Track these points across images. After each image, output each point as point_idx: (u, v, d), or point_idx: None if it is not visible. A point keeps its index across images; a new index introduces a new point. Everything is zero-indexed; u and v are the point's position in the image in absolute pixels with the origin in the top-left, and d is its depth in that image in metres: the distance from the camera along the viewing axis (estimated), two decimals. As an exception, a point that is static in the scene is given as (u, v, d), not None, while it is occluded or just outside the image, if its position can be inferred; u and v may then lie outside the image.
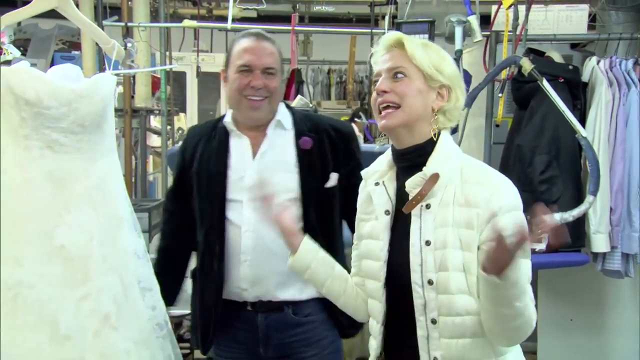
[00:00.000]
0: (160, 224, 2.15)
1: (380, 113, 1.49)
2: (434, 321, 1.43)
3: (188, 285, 2.80)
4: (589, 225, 2.92)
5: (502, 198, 1.41)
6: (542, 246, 2.57)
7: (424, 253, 1.42)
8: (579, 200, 2.77)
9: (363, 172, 1.62)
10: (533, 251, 2.57)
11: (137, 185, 4.30)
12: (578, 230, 2.88)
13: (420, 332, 1.45)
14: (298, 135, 2.01)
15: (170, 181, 4.39)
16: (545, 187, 2.87)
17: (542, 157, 2.89)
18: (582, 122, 2.88)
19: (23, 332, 1.63)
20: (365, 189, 1.59)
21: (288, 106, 2.10)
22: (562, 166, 2.89)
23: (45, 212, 1.68)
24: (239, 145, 2.01)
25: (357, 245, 1.63)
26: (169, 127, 4.35)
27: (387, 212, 1.51)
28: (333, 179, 1.99)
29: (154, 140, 4.92)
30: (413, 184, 1.45)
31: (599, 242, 2.93)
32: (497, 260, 1.26)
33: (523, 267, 1.36)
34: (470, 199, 1.41)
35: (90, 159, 1.77)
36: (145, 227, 3.04)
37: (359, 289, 1.63)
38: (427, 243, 1.42)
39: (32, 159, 1.68)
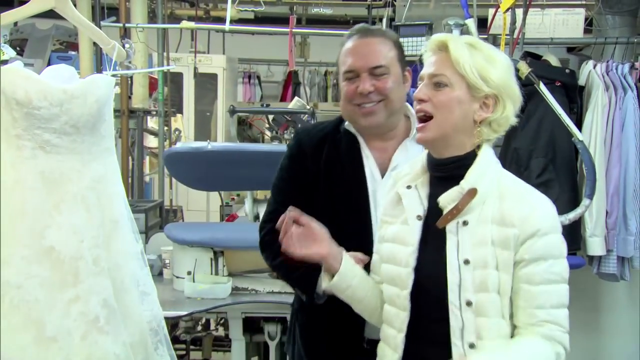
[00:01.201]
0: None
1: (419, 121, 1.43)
2: (472, 345, 1.35)
3: (185, 286, 2.80)
4: (584, 229, 2.93)
5: (541, 219, 1.36)
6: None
7: (463, 272, 1.35)
8: (575, 203, 2.77)
9: (394, 174, 1.54)
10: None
11: (134, 186, 4.30)
12: (574, 234, 2.89)
13: (456, 358, 1.36)
14: None
15: (167, 182, 4.40)
16: (542, 190, 2.87)
17: (539, 161, 2.90)
18: (579, 125, 2.89)
19: (8, 333, 1.61)
20: (394, 190, 1.52)
21: None
22: (558, 169, 2.90)
23: (35, 212, 1.67)
24: (365, 158, 1.76)
25: (379, 248, 1.55)
26: (166, 128, 4.35)
27: (419, 218, 1.44)
28: None
29: (151, 141, 4.92)
30: (449, 199, 1.38)
31: (595, 245, 2.94)
32: None
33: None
34: (506, 217, 1.35)
35: (84, 161, 1.75)
36: (142, 228, 3.04)
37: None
38: (466, 262, 1.35)
39: (23, 159, 1.66)
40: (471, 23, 2.84)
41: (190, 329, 2.90)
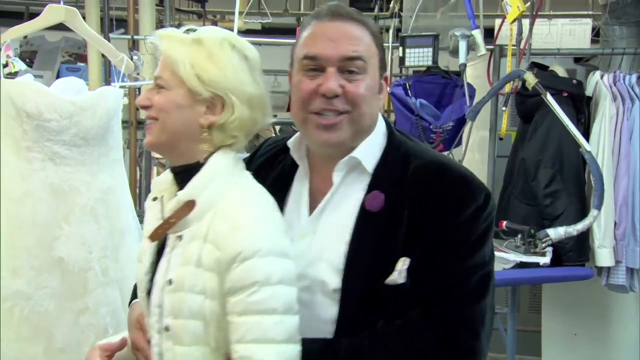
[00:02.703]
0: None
1: None
2: None
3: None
4: (593, 240, 2.91)
5: (243, 240, 1.14)
6: (546, 260, 2.59)
7: (164, 293, 1.21)
8: (583, 214, 2.76)
9: (153, 181, 1.36)
10: (538, 265, 2.59)
11: (142, 197, 4.31)
12: (582, 245, 2.88)
13: None
14: (371, 185, 1.24)
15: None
16: (550, 201, 2.87)
17: (546, 171, 2.89)
18: (586, 136, 2.88)
19: (18, 343, 1.63)
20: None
21: (391, 131, 1.30)
22: (566, 180, 2.89)
23: (45, 223, 1.69)
24: (298, 188, 1.32)
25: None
26: (173, 138, 4.37)
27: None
28: (399, 269, 1.18)
29: (159, 152, 4.94)
30: (169, 210, 1.23)
31: (603, 256, 2.92)
32: None
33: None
34: (214, 236, 1.17)
35: (93, 172, 1.77)
36: (149, 239, 3.05)
37: None
38: (169, 282, 1.20)
39: (33, 171, 1.69)
40: (478, 34, 2.85)
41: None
